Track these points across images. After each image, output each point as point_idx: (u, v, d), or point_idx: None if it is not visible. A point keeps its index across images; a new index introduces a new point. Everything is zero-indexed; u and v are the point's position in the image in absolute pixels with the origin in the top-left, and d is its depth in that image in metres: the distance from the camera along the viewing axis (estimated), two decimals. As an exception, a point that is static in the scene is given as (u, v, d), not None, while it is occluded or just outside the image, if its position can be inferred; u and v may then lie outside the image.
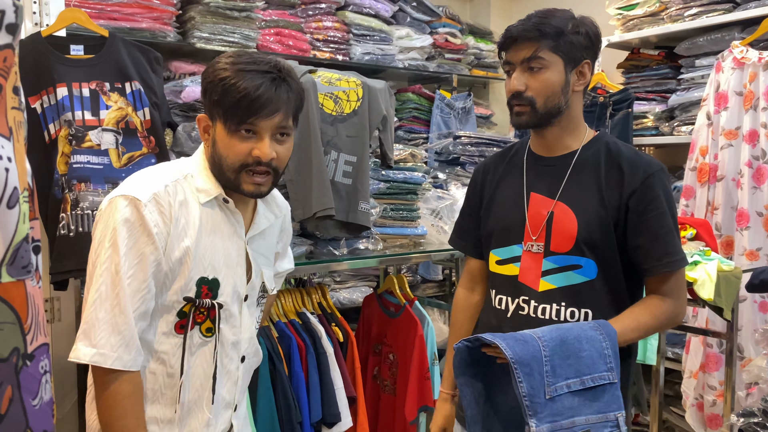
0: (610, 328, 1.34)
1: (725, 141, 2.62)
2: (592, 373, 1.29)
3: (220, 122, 1.22)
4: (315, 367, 1.88)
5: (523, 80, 1.40)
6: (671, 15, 2.94)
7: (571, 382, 1.28)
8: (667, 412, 2.88)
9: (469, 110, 3.50)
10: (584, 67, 1.42)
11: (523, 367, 1.25)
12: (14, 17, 0.55)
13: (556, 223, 1.42)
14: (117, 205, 1.17)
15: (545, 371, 1.26)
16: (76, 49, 1.85)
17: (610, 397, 1.30)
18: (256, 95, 1.18)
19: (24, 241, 0.58)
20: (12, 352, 0.57)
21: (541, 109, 1.40)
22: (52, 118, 1.79)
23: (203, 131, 1.28)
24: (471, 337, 1.33)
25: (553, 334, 1.31)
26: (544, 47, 1.37)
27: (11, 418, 0.57)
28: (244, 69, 1.19)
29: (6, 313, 0.56)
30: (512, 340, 1.28)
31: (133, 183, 1.22)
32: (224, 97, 1.19)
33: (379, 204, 2.14)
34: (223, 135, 1.22)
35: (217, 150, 1.24)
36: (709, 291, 1.96)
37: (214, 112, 1.23)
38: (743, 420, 1.46)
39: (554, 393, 1.26)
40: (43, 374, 0.62)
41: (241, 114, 1.19)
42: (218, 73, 1.20)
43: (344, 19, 2.98)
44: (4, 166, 0.54)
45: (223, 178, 1.26)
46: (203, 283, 1.25)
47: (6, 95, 0.56)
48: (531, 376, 1.25)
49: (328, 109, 1.93)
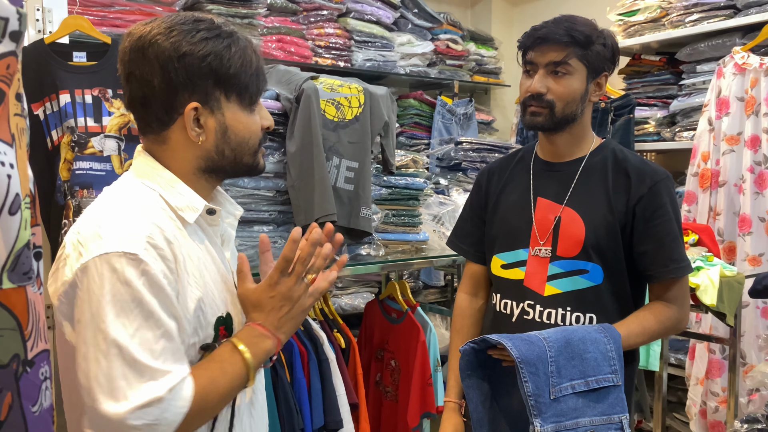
0: (614, 332, 1.34)
1: (727, 146, 2.62)
2: (597, 375, 1.30)
3: (234, 99, 1.01)
4: (317, 374, 1.87)
5: (545, 83, 1.40)
6: (672, 21, 2.94)
7: (575, 383, 1.29)
8: (670, 419, 2.87)
9: (471, 116, 3.50)
10: (603, 78, 1.44)
11: (528, 366, 1.25)
12: (18, 25, 0.55)
13: (563, 228, 1.43)
14: (101, 272, 0.88)
15: (550, 371, 1.27)
16: (78, 56, 1.86)
17: (614, 400, 1.30)
18: (257, 58, 1.03)
19: (25, 248, 0.58)
20: (12, 359, 0.57)
21: (559, 114, 1.40)
22: (54, 125, 1.80)
23: (194, 124, 0.99)
24: (477, 339, 1.34)
25: (559, 335, 1.31)
26: (574, 54, 1.38)
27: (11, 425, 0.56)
28: (231, 34, 1.01)
29: (6, 320, 0.56)
30: (518, 340, 1.28)
31: (108, 231, 0.90)
32: (243, 69, 1.00)
33: (381, 210, 2.13)
34: (238, 114, 1.02)
35: (231, 136, 1.02)
36: (711, 297, 1.96)
37: (218, 93, 0.99)
38: (746, 426, 1.46)
39: (559, 393, 1.27)
40: (44, 381, 0.62)
41: (257, 84, 1.03)
42: (213, 44, 0.97)
43: (346, 25, 2.99)
44: (6, 172, 0.54)
45: (234, 168, 1.05)
46: (220, 323, 1.02)
47: (9, 102, 0.56)
48: (536, 375, 1.25)
49: (330, 115, 1.94)
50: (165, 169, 1.01)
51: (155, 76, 0.96)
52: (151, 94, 0.97)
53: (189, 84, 0.97)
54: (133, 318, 0.87)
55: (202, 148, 1.01)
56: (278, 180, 1.85)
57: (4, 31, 0.54)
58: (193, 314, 0.96)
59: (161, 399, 0.87)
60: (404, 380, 2.13)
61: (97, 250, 0.89)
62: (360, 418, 1.99)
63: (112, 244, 0.89)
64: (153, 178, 1.00)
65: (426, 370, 2.07)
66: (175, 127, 1.00)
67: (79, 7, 2.12)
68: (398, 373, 2.17)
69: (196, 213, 1.00)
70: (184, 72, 0.96)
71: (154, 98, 0.98)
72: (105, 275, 0.87)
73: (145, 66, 0.96)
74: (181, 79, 0.96)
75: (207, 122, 1.00)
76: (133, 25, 1.01)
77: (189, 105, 0.98)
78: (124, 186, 1.01)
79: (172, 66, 0.95)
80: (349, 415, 1.90)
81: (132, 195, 0.98)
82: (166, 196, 0.99)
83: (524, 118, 1.45)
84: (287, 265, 1.00)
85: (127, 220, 0.93)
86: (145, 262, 0.89)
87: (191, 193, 1.01)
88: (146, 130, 1.02)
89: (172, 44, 0.95)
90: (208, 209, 1.03)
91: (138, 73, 0.97)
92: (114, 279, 0.87)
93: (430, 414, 2.07)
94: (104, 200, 0.99)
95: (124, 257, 0.88)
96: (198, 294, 0.97)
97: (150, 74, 0.96)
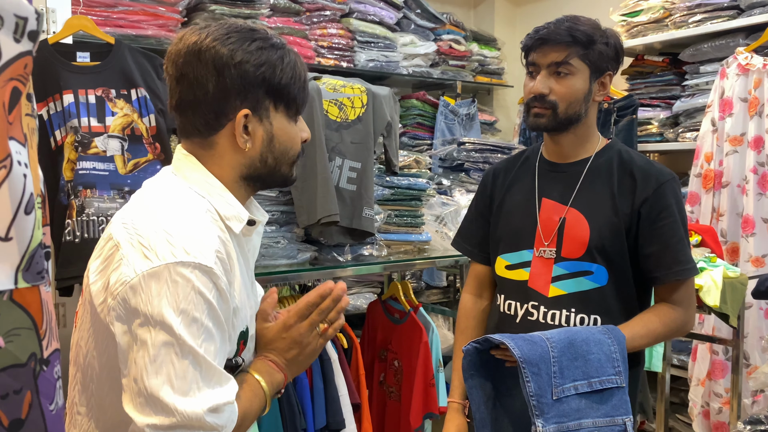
0: (619, 333, 1.33)
1: (730, 147, 2.62)
2: (600, 376, 1.29)
3: (282, 110, 1.02)
4: (319, 374, 1.87)
5: (547, 83, 1.40)
6: (675, 21, 2.94)
7: (578, 383, 1.28)
8: (672, 420, 2.87)
9: (473, 117, 3.50)
10: (606, 78, 1.44)
11: (530, 366, 1.25)
12: (36, 24, 0.56)
13: (568, 229, 1.42)
14: (176, 279, 0.87)
15: (553, 371, 1.27)
16: (82, 56, 1.87)
17: (618, 401, 1.30)
18: (305, 72, 1.04)
19: (39, 247, 0.58)
20: (30, 357, 0.57)
21: (562, 115, 1.40)
22: (58, 125, 1.80)
23: (242, 131, 0.99)
24: (480, 339, 1.33)
25: (562, 335, 1.31)
26: (575, 54, 1.38)
27: (31, 423, 0.57)
28: (283, 45, 1.02)
29: (23, 319, 0.57)
30: (521, 340, 1.28)
31: (179, 239, 0.90)
32: (293, 81, 1.01)
33: (384, 210, 2.14)
34: (284, 124, 1.03)
35: (276, 145, 1.02)
36: (714, 298, 1.96)
37: (268, 102, 1.00)
38: (750, 427, 1.46)
39: (561, 394, 1.26)
40: (57, 380, 0.63)
41: (304, 96, 1.05)
42: (268, 55, 0.98)
43: (349, 26, 2.99)
44: (23, 172, 0.55)
45: (272, 176, 1.06)
46: (241, 338, 1.02)
47: (22, 102, 0.56)
48: (539, 376, 1.25)
49: (333, 116, 1.94)
50: (213, 176, 1.00)
51: (210, 81, 0.96)
52: (204, 97, 0.97)
53: (242, 91, 0.97)
54: (203, 327, 0.89)
55: (247, 155, 1.01)
56: (281, 180, 1.85)
57: (23, 31, 0.55)
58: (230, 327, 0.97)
59: (231, 403, 0.91)
60: (407, 381, 2.13)
61: (171, 257, 0.88)
62: (362, 418, 1.99)
63: (187, 254, 0.88)
64: (203, 185, 1.00)
65: (428, 371, 2.08)
66: (223, 132, 0.99)
67: (82, 7, 2.13)
68: (401, 374, 2.17)
69: (242, 224, 1.00)
70: (239, 79, 0.96)
71: (206, 102, 0.97)
72: (180, 283, 0.87)
73: (201, 69, 0.96)
74: (236, 86, 0.96)
75: (255, 130, 1.00)
76: (184, 31, 1.02)
77: (240, 112, 0.98)
78: (176, 190, 0.99)
79: (228, 72, 0.95)
80: (352, 415, 1.91)
81: (187, 202, 0.97)
82: (216, 206, 0.99)
83: (528, 120, 1.45)
84: (308, 311, 1.04)
85: (197, 230, 0.92)
86: (217, 275, 0.90)
87: (238, 204, 1.01)
88: (192, 133, 1.01)
89: (230, 50, 0.96)
90: (249, 220, 1.03)
91: (192, 76, 0.97)
92: (189, 288, 0.87)
93: (432, 414, 2.07)
94: (159, 201, 0.97)
95: (198, 269, 0.88)
96: (233, 305, 0.97)
97: (205, 78, 0.96)
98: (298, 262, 1.93)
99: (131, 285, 0.88)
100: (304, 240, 2.00)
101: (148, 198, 0.99)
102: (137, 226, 0.92)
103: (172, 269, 0.87)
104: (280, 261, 1.89)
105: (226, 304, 0.93)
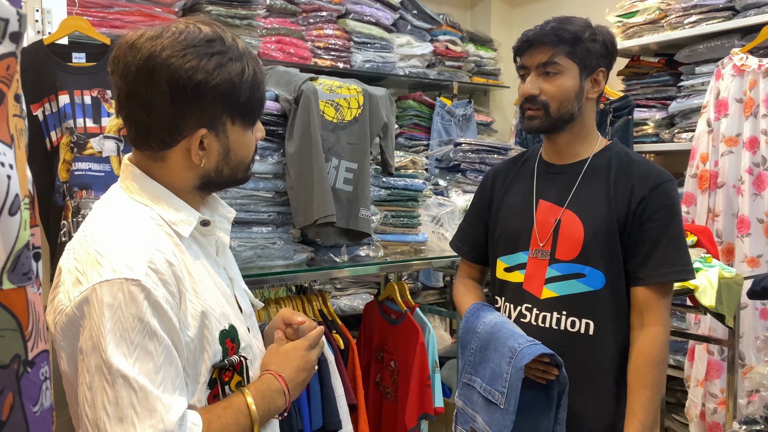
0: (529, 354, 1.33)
1: (725, 148, 2.63)
2: (491, 387, 1.38)
3: (239, 123, 0.99)
4: (315, 375, 1.87)
5: (537, 84, 1.40)
6: (671, 22, 2.95)
7: (482, 383, 1.41)
8: (669, 420, 2.87)
9: (470, 117, 3.51)
10: (599, 75, 1.43)
11: (461, 345, 1.51)
12: (18, 26, 0.56)
13: (562, 231, 1.42)
14: (102, 300, 0.84)
15: (468, 360, 1.48)
16: (78, 57, 1.87)
17: (500, 418, 1.36)
18: (263, 77, 1.01)
19: (25, 248, 0.58)
20: (13, 359, 0.57)
21: (554, 114, 1.40)
22: (53, 126, 1.80)
23: (197, 148, 0.96)
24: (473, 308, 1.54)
25: (488, 334, 1.43)
26: (561, 52, 1.38)
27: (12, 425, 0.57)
28: (241, 55, 0.97)
29: (7, 320, 0.57)
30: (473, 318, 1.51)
31: (107, 257, 0.87)
32: (252, 94, 0.98)
33: (380, 211, 2.14)
34: (240, 135, 1.01)
35: (232, 156, 1.01)
36: (710, 298, 1.96)
37: (225, 118, 0.97)
38: (745, 427, 1.46)
39: (470, 382, 1.46)
40: (44, 381, 0.62)
41: (262, 104, 1.03)
42: (227, 72, 0.94)
43: (345, 26, 2.99)
44: (6, 173, 0.55)
45: (227, 183, 1.05)
46: (224, 337, 0.99)
47: (8, 103, 0.56)
48: (463, 356, 1.49)
49: (329, 116, 1.94)
50: (157, 183, 0.98)
51: (165, 104, 0.91)
52: (158, 119, 0.93)
53: (199, 111, 0.94)
54: (136, 346, 0.84)
55: (202, 168, 0.99)
56: (277, 181, 1.85)
57: (4, 33, 0.55)
58: (197, 332, 0.93)
59: (179, 422, 0.86)
60: (403, 381, 2.13)
61: (97, 277, 0.85)
62: (359, 419, 1.99)
63: (113, 271, 0.85)
64: (145, 193, 0.97)
65: (424, 371, 2.07)
66: (177, 148, 0.96)
67: (78, 8, 2.12)
68: (397, 374, 2.17)
69: (191, 226, 0.98)
70: (196, 101, 0.92)
71: (160, 123, 0.93)
72: (105, 303, 0.84)
73: (154, 91, 0.91)
74: (192, 107, 0.93)
75: (211, 145, 0.97)
76: (133, 33, 0.95)
77: (198, 132, 0.95)
78: (116, 204, 0.97)
79: (184, 94, 0.91)
80: (348, 416, 1.90)
81: (127, 214, 0.94)
82: (159, 212, 0.96)
83: (523, 123, 1.46)
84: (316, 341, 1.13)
85: (126, 243, 0.89)
86: (148, 289, 0.86)
87: (185, 206, 0.99)
88: (143, 147, 0.98)
89: (186, 71, 0.90)
90: (202, 221, 1.01)
91: (144, 96, 0.92)
92: (115, 307, 0.84)
93: (428, 415, 2.07)
94: (98, 220, 0.95)
95: (125, 284, 0.85)
96: (200, 309, 0.94)
97: (159, 100, 0.91)
98: (294, 263, 1.92)
99: (67, 314, 0.87)
100: (300, 241, 2.00)
101: (90, 219, 0.97)
102: (76, 250, 0.91)
103: (99, 290, 0.85)
104: (277, 262, 1.89)
105: (166, 315, 0.88)
